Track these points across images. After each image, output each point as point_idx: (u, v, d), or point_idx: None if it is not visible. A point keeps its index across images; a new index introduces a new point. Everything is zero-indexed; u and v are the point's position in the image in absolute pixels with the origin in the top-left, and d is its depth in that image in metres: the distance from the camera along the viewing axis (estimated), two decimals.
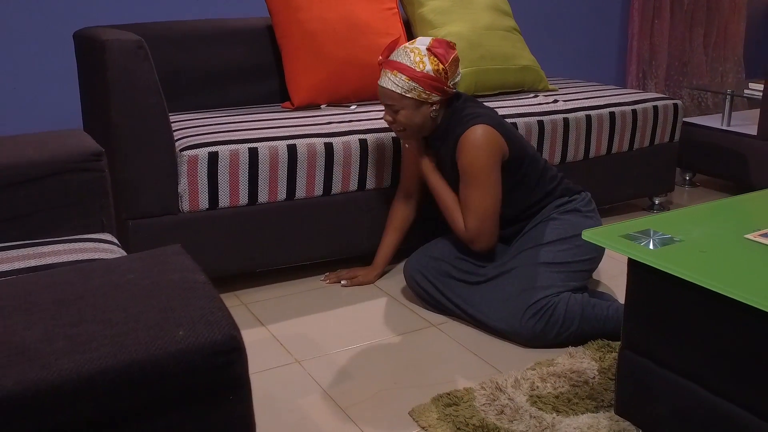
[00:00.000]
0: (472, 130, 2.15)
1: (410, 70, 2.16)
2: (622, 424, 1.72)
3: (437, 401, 1.83)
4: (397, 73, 2.17)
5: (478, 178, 2.15)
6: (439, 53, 2.17)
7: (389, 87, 2.18)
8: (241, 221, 2.39)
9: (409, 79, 2.15)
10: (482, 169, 2.15)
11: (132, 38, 2.17)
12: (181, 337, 0.66)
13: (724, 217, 1.70)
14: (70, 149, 1.51)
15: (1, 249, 1.39)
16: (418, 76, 2.15)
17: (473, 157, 2.14)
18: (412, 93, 2.16)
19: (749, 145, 3.35)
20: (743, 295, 1.28)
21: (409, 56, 2.17)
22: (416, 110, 2.19)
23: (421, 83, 2.15)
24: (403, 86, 2.16)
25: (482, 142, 2.14)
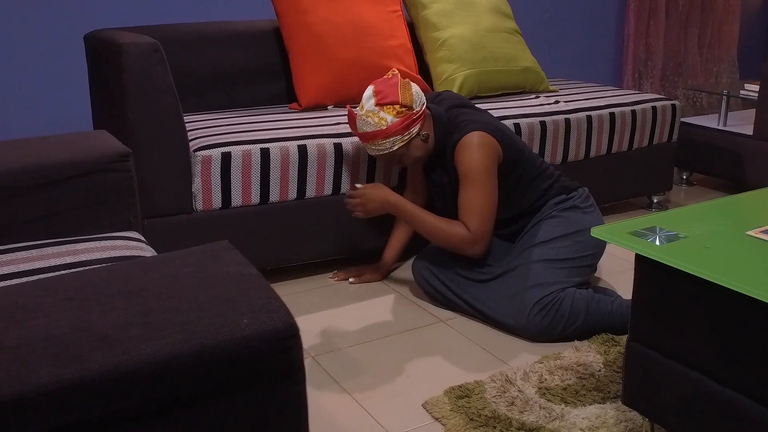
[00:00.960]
0: (468, 136, 2.22)
1: (380, 132, 2.23)
2: (628, 414, 1.78)
3: (449, 393, 1.89)
4: (374, 140, 2.25)
5: (478, 180, 2.21)
6: (388, 100, 2.22)
7: (379, 153, 2.29)
8: (253, 220, 2.45)
9: (385, 138, 2.24)
10: (481, 171, 2.20)
11: (148, 41, 2.23)
12: (246, 324, 0.71)
13: (726, 214, 1.76)
14: (98, 150, 1.57)
15: (37, 247, 1.45)
16: (390, 130, 2.22)
17: (472, 159, 2.20)
18: (397, 144, 2.25)
19: (745, 144, 3.43)
20: (747, 288, 1.35)
21: (368, 122, 2.24)
22: (411, 147, 2.29)
23: (396, 132, 2.23)
24: (387, 145, 2.25)
25: (479, 146, 2.20)
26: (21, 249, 1.44)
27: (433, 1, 3.20)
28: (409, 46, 3.12)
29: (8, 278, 1.32)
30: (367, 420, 1.80)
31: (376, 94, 2.24)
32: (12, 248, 1.44)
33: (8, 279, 1.31)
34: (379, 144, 2.25)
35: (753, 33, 5.89)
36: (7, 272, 1.34)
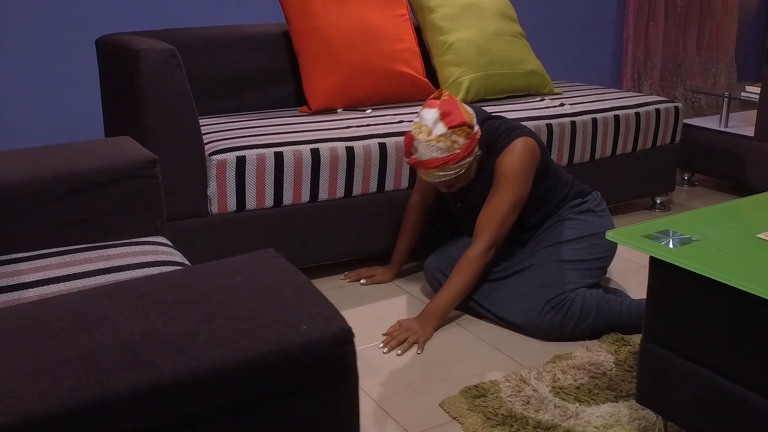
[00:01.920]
0: (514, 142, 2.22)
1: (453, 157, 2.15)
2: (641, 412, 1.83)
3: (465, 393, 1.93)
4: (443, 166, 2.16)
5: (515, 184, 2.20)
6: (458, 122, 2.14)
7: (443, 180, 2.21)
8: (267, 223, 2.49)
9: (456, 163, 2.16)
10: (520, 175, 2.21)
11: (165, 47, 2.26)
12: (305, 331, 0.75)
13: (736, 218, 1.81)
14: (127, 157, 1.61)
15: (69, 252, 1.48)
16: (461, 154, 2.16)
17: (515, 163, 2.20)
18: (464, 167, 2.20)
19: (746, 146, 3.48)
20: (759, 289, 1.39)
21: (440, 148, 2.14)
22: (469, 170, 2.25)
23: (466, 156, 2.18)
24: (456, 170, 2.19)
25: (523, 151, 2.21)
26: (53, 255, 1.48)
27: (440, 5, 3.24)
28: (416, 50, 3.16)
29: (44, 284, 1.36)
30: (386, 419, 1.84)
31: (443, 116, 2.13)
32: (45, 254, 1.48)
33: (44, 285, 1.35)
34: (449, 169, 2.16)
35: (750, 34, 5.95)
36: (43, 278, 1.38)
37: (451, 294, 2.25)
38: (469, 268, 2.24)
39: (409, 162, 2.23)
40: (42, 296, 1.30)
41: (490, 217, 2.24)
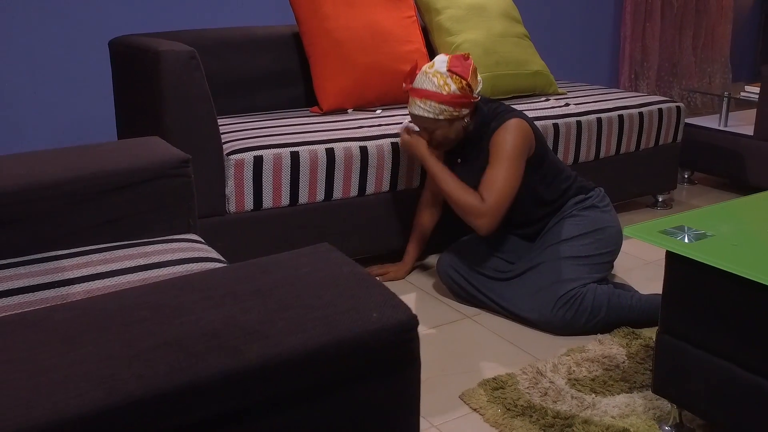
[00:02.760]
0: (508, 122, 2.32)
1: (437, 95, 2.29)
2: (656, 402, 1.89)
3: (484, 385, 1.99)
4: (426, 99, 2.31)
5: (507, 159, 2.28)
6: (459, 71, 2.31)
7: (421, 114, 2.33)
8: (283, 221, 2.54)
9: (438, 103, 2.30)
10: (512, 152, 2.28)
11: (185, 49, 2.31)
12: (376, 318, 0.80)
13: (749, 214, 1.87)
14: (160, 156, 1.65)
15: (107, 250, 1.53)
16: (446, 98, 2.29)
17: (506, 139, 2.29)
18: (443, 114, 2.31)
19: (746, 144, 3.55)
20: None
21: (432, 81, 2.31)
22: (450, 127, 2.35)
23: (450, 104, 2.30)
24: (434, 111, 2.31)
25: (516, 130, 2.30)
26: (93, 252, 1.52)
27: (447, 7, 3.29)
28: (424, 51, 3.22)
29: (89, 280, 1.40)
30: None
31: (451, 62, 2.31)
32: (84, 251, 1.53)
33: (89, 281, 1.40)
34: (429, 105, 2.30)
35: (745, 35, 6.03)
36: (86, 274, 1.42)
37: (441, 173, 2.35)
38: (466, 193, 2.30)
39: (403, 88, 2.39)
40: (88, 292, 1.35)
41: (483, 187, 2.28)
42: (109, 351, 0.75)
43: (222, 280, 0.90)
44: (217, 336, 0.77)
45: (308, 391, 0.79)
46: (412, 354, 0.85)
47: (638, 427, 1.79)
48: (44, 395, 0.69)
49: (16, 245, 1.52)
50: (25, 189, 1.52)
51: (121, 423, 0.70)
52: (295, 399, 0.78)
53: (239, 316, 0.80)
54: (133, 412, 0.70)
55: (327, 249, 0.97)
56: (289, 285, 0.87)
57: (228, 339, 0.76)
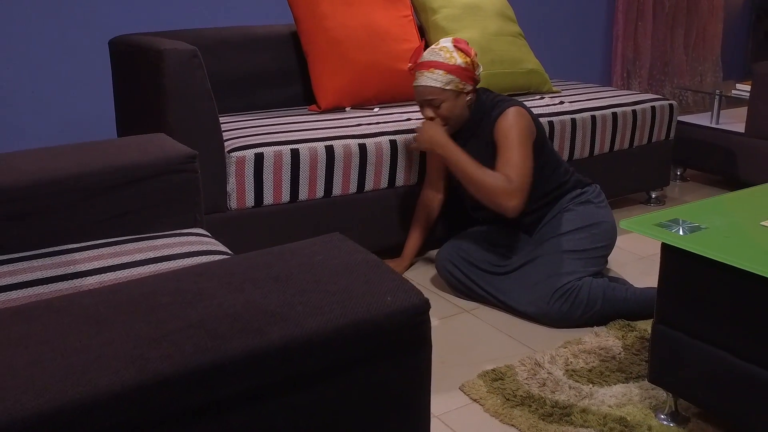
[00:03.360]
0: (509, 109, 2.38)
1: (445, 65, 2.37)
2: (651, 391, 1.93)
3: (484, 377, 2.03)
4: (434, 69, 2.38)
5: (518, 140, 2.33)
6: (464, 48, 2.41)
7: (429, 84, 2.39)
8: (284, 217, 2.57)
9: (446, 72, 2.37)
10: (521, 135, 2.34)
11: (188, 47, 2.34)
12: (390, 301, 0.84)
13: (740, 207, 1.92)
14: (167, 152, 1.69)
15: (117, 243, 1.57)
16: (453, 69, 2.37)
17: (512, 125, 2.35)
18: (450, 85, 2.38)
19: (737, 141, 3.60)
20: (766, 270, 1.50)
21: (439, 54, 2.40)
22: (455, 101, 2.41)
23: (457, 74, 2.37)
24: (442, 80, 2.37)
25: (519, 116, 2.37)
26: (103, 246, 1.56)
27: (443, 6, 3.33)
28: None
29: (101, 272, 1.44)
30: None
31: (456, 41, 2.42)
32: (95, 245, 1.56)
33: (101, 273, 1.43)
34: (437, 75, 2.36)
35: (735, 34, 6.10)
36: (98, 266, 1.46)
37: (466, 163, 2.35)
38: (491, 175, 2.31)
39: (408, 67, 2.44)
40: (101, 283, 1.39)
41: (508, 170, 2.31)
42: (137, 333, 0.79)
43: (240, 267, 0.93)
44: (240, 318, 0.81)
45: (326, 370, 0.82)
46: (424, 336, 0.89)
47: (635, 416, 1.84)
48: (78, 373, 0.72)
49: (28, 239, 1.56)
50: (36, 184, 1.55)
51: (150, 400, 0.73)
52: (314, 378, 0.82)
53: (259, 300, 0.84)
54: (163, 390, 0.74)
55: (339, 238, 1.01)
56: (305, 271, 0.91)
57: (250, 321, 0.80)
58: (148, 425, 0.74)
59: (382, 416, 0.87)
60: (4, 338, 0.79)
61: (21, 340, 0.78)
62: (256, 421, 0.79)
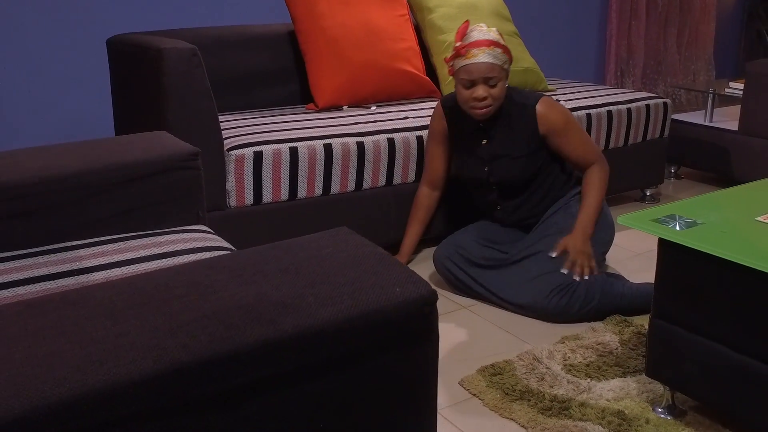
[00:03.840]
0: (546, 98, 2.45)
1: (501, 45, 2.36)
2: (649, 385, 1.96)
3: (483, 372, 2.05)
4: (494, 47, 2.34)
5: (575, 125, 2.46)
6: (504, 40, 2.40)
7: (491, 61, 2.33)
8: (282, 215, 2.59)
9: (503, 52, 2.37)
10: (572, 118, 2.47)
11: (187, 47, 2.36)
12: (399, 293, 0.86)
13: (735, 203, 1.94)
14: (170, 150, 1.70)
15: (122, 240, 1.58)
16: (507, 49, 2.39)
17: (562, 113, 2.44)
18: (506, 65, 2.39)
19: (731, 139, 3.63)
20: (762, 264, 1.53)
21: (492, 34, 2.36)
22: (505, 84, 2.41)
23: (509, 56, 2.39)
24: (502, 59, 2.36)
25: (555, 103, 2.46)
26: (109, 242, 1.57)
27: (439, 6, 3.35)
28: (416, 49, 3.28)
29: (107, 268, 1.45)
30: None
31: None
32: (100, 241, 1.58)
33: (107, 269, 1.45)
34: (497, 53, 2.33)
35: (727, 33, 6.14)
36: (104, 263, 1.47)
37: (594, 208, 2.45)
38: (600, 181, 2.47)
39: (458, 47, 2.36)
40: (107, 279, 1.40)
41: (581, 151, 2.46)
42: (152, 324, 0.80)
43: (250, 261, 0.95)
44: (252, 310, 0.82)
45: (337, 360, 0.84)
46: (431, 326, 0.91)
47: (632, 409, 1.86)
48: (97, 363, 0.74)
49: (33, 236, 1.57)
50: (42, 182, 1.56)
51: (167, 388, 0.75)
52: (326, 367, 0.84)
53: (271, 292, 0.86)
54: (179, 379, 0.75)
55: (346, 232, 1.03)
56: (314, 264, 0.93)
57: (263, 312, 0.82)
58: (165, 413, 0.75)
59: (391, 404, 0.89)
60: (22, 330, 0.80)
61: (38, 331, 0.80)
62: (269, 409, 0.81)
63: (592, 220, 2.44)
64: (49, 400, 0.69)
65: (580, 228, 2.42)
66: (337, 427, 0.86)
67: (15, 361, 0.74)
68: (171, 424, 0.75)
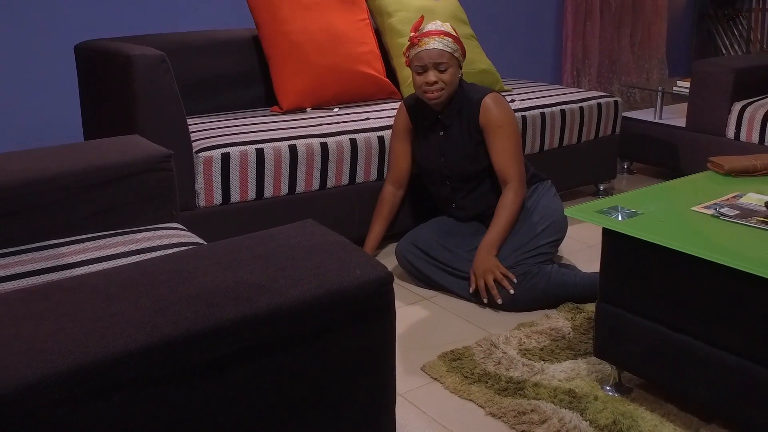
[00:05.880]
0: (494, 94, 2.57)
1: (452, 35, 2.55)
2: (597, 366, 2.10)
3: (443, 357, 2.18)
4: (444, 37, 2.54)
5: (513, 130, 2.56)
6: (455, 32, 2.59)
7: (441, 48, 2.53)
8: (250, 214, 2.69)
9: (453, 42, 2.54)
10: (514, 123, 2.58)
11: (156, 53, 2.45)
12: (359, 275, 0.98)
13: (674, 195, 2.09)
14: (144, 152, 1.80)
15: (101, 237, 1.68)
16: (458, 41, 2.56)
17: (504, 112, 2.56)
18: (457, 53, 2.55)
19: (679, 135, 3.81)
20: (696, 250, 1.67)
21: (446, 27, 2.58)
22: (455, 71, 2.57)
23: (460, 46, 2.56)
24: (452, 48, 2.54)
25: (501, 100, 2.58)
26: (88, 240, 1.67)
27: (398, 10, 3.48)
28: (377, 52, 3.40)
29: (88, 263, 1.55)
30: None
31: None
32: (80, 239, 1.67)
33: (89, 264, 1.54)
34: (448, 41, 2.52)
35: (679, 32, 6.35)
36: (85, 258, 1.57)
37: (503, 228, 2.54)
38: (513, 204, 2.56)
39: (412, 37, 2.57)
40: None
41: (504, 160, 2.56)
42: (143, 305, 0.91)
43: (226, 250, 1.06)
44: (231, 291, 0.94)
45: (306, 334, 0.96)
46: (388, 304, 1.03)
47: (582, 388, 2.00)
48: (97, 338, 0.84)
49: (15, 236, 1.66)
50: (23, 183, 1.65)
51: (159, 358, 0.86)
52: (296, 340, 0.95)
53: (247, 276, 0.97)
54: (169, 350, 0.86)
55: (312, 224, 1.15)
56: (283, 251, 1.04)
57: (240, 293, 0.93)
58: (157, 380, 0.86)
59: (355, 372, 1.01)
60: (26, 312, 0.91)
61: (42, 313, 0.90)
62: (247, 377, 0.92)
63: (497, 240, 2.53)
64: (59, 369, 0.79)
65: (483, 248, 2.52)
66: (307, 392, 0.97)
67: (25, 337, 0.84)
68: (162, 390, 0.86)
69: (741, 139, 3.55)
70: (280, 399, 0.95)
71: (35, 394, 0.78)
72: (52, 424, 0.80)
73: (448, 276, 2.60)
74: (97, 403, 0.82)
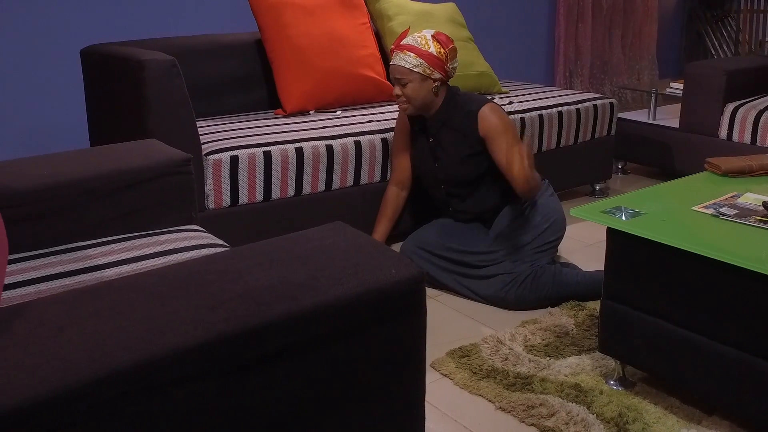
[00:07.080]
0: (491, 104, 2.63)
1: (418, 50, 2.59)
2: (602, 361, 2.17)
3: (452, 354, 2.24)
4: (407, 52, 2.60)
5: (513, 134, 2.60)
6: (442, 40, 2.62)
7: (400, 63, 2.60)
8: (258, 215, 2.75)
9: (416, 56, 2.58)
10: (512, 128, 2.62)
11: (167, 58, 2.50)
12: (394, 273, 1.04)
13: (674, 195, 2.17)
14: (164, 156, 1.86)
15: (126, 239, 1.73)
16: (424, 54, 2.58)
17: (503, 120, 2.60)
18: (418, 68, 2.58)
19: (672, 136, 3.89)
20: (697, 248, 1.74)
21: (416, 40, 2.61)
22: (421, 84, 2.60)
23: (426, 60, 2.58)
24: (411, 62, 2.58)
25: (498, 109, 2.63)
26: (114, 242, 1.72)
27: (398, 14, 3.54)
28: (378, 55, 3.46)
29: (117, 265, 1.60)
30: None
31: (436, 32, 2.64)
32: (105, 241, 1.72)
33: (118, 266, 1.60)
34: (409, 57, 2.57)
35: (669, 34, 6.45)
36: (113, 260, 1.62)
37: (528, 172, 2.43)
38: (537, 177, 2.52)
39: (390, 49, 2.67)
40: (120, 275, 1.55)
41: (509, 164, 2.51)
42: (195, 303, 0.97)
43: (265, 251, 1.12)
44: (276, 289, 0.99)
45: (346, 330, 1.02)
46: (420, 300, 1.09)
47: (588, 383, 2.07)
48: (157, 334, 0.90)
49: (42, 238, 1.71)
50: (50, 187, 1.70)
51: (214, 354, 0.91)
52: (338, 335, 1.01)
53: (289, 276, 1.03)
54: (223, 346, 0.92)
55: (342, 226, 1.21)
56: (319, 253, 1.10)
57: (285, 291, 0.99)
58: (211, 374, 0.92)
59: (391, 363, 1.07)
60: (83, 312, 0.96)
61: (99, 312, 0.96)
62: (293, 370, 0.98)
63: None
64: (122, 365, 0.85)
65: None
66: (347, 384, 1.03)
67: (86, 335, 0.90)
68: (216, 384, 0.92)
69: (734, 139, 3.63)
70: (322, 391, 1.01)
71: (101, 389, 0.83)
72: (117, 418, 0.85)
73: (452, 275, 2.67)
74: (157, 397, 0.88)
